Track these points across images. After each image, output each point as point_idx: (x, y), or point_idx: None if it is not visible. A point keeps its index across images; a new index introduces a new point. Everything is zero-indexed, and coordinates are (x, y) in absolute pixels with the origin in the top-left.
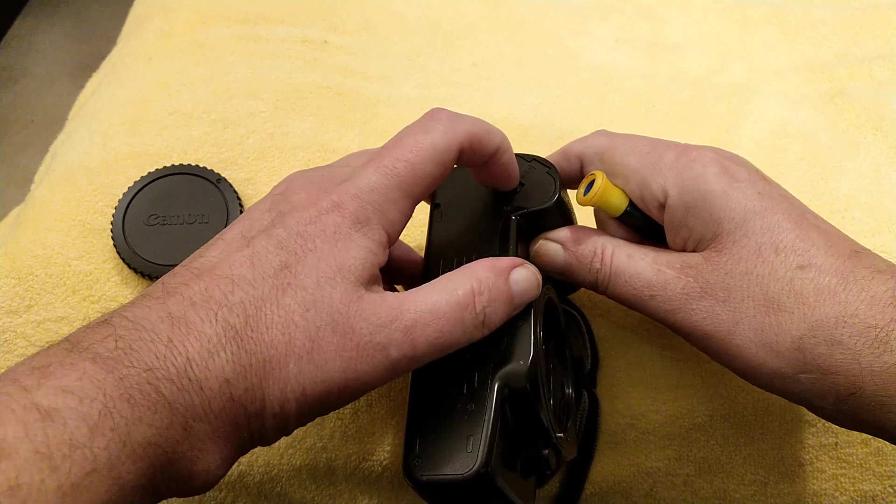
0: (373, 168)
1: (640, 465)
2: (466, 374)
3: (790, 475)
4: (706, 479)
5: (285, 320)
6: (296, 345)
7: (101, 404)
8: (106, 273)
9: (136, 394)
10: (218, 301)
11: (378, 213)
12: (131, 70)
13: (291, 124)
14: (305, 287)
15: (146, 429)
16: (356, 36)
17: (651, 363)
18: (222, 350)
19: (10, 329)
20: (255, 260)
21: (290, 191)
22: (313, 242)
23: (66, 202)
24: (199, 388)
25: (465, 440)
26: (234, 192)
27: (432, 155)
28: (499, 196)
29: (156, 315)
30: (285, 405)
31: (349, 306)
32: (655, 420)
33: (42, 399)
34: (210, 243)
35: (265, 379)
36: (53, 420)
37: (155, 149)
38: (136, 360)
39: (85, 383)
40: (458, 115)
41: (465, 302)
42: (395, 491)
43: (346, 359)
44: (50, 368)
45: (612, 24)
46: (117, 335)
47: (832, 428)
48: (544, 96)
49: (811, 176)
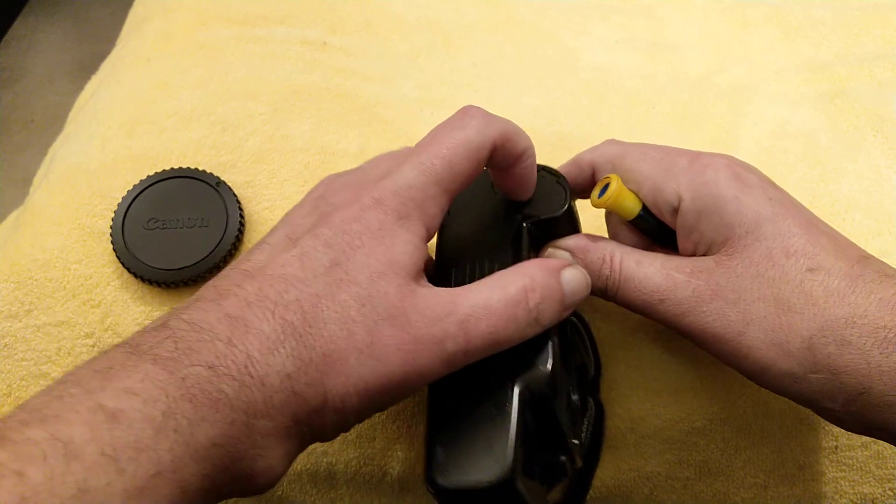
0: (410, 165)
1: (640, 469)
2: (487, 380)
3: (790, 478)
4: (706, 483)
5: (342, 316)
6: (356, 339)
7: (164, 405)
8: (106, 277)
9: (198, 393)
10: (273, 300)
11: (418, 209)
12: (130, 72)
13: (291, 126)
14: (359, 283)
15: (209, 428)
16: (356, 37)
17: (650, 367)
18: (282, 346)
19: (10, 333)
20: (305, 259)
21: (330, 193)
22: (360, 239)
23: (66, 206)
24: (261, 384)
25: (489, 447)
26: (234, 195)
27: (467, 151)
28: (509, 204)
29: (213, 316)
30: (347, 399)
31: (404, 300)
32: (655, 424)
33: (107, 400)
34: (255, 247)
35: (326, 373)
36: (119, 421)
37: (154, 151)
38: (196, 360)
39: (147, 384)
40: (491, 114)
41: (517, 298)
42: (395, 496)
43: (405, 352)
44: (112, 371)
45: (611, 24)
46: (176, 337)
47: (832, 431)
48: (544, 97)
49: (811, 177)
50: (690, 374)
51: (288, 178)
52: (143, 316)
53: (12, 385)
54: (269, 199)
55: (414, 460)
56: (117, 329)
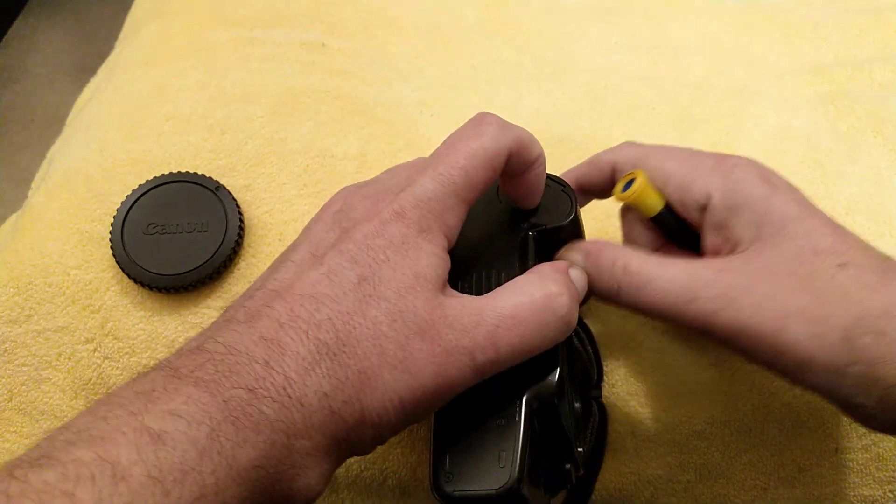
0: (429, 176)
1: (641, 472)
2: (494, 389)
3: (790, 480)
4: (706, 485)
5: (374, 332)
6: (388, 355)
7: (208, 427)
8: (105, 283)
9: (241, 415)
10: (305, 320)
11: (438, 221)
12: (128, 75)
13: (289, 129)
14: (388, 298)
15: (250, 450)
16: (354, 39)
17: (650, 371)
18: (317, 366)
19: (9, 339)
20: (333, 276)
21: (349, 206)
22: (384, 254)
23: (65, 210)
24: (300, 405)
25: (498, 455)
26: (233, 199)
27: (484, 160)
28: (514, 212)
29: (248, 339)
30: (384, 414)
31: (433, 313)
32: (655, 427)
33: (152, 422)
34: (278, 265)
35: (362, 390)
36: (164, 443)
37: (152, 155)
38: (236, 382)
39: (191, 407)
40: (506, 121)
41: (544, 304)
42: (396, 500)
43: (437, 364)
44: (154, 393)
45: (611, 26)
46: (215, 360)
47: (832, 433)
48: (543, 99)
49: (812, 179)
50: (690, 377)
51: (287, 182)
52: (143, 321)
53: (13, 390)
54: (269, 202)
55: (415, 464)
56: (117, 334)
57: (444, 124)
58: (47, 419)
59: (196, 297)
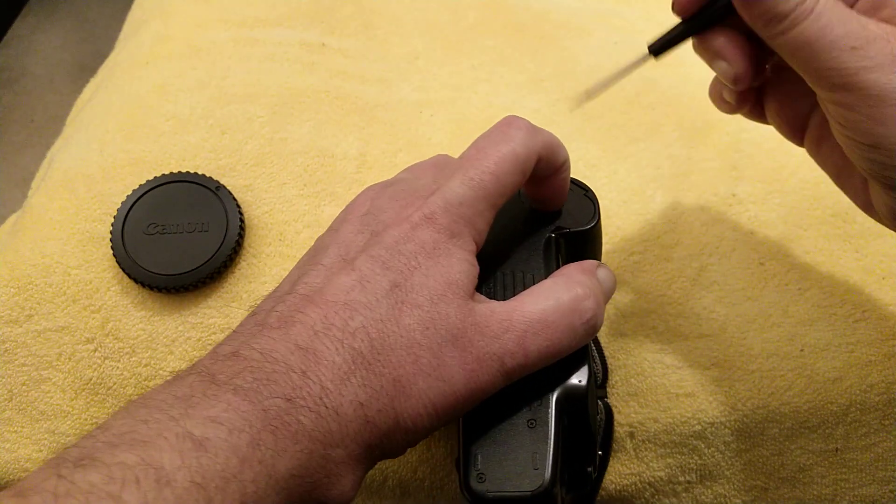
0: (459, 180)
1: (641, 473)
2: (522, 388)
3: (790, 480)
4: (707, 486)
5: (408, 340)
6: (422, 363)
7: (248, 436)
8: (106, 282)
9: (280, 425)
10: (340, 328)
11: (469, 226)
12: (128, 75)
13: (289, 129)
14: (420, 305)
15: (289, 460)
16: (354, 39)
17: (650, 371)
18: (353, 376)
19: (10, 339)
20: (365, 283)
21: (377, 209)
22: (416, 259)
23: (65, 210)
24: (336, 414)
25: (531, 457)
26: (234, 199)
27: (514, 165)
28: (537, 215)
29: (283, 346)
30: (418, 421)
31: (465, 320)
32: (655, 428)
33: (194, 428)
34: (307, 268)
35: (396, 398)
36: (206, 450)
37: (152, 155)
38: (275, 391)
39: (232, 414)
40: (534, 125)
41: (571, 307)
42: (396, 500)
43: (468, 371)
44: (193, 399)
45: (611, 26)
46: (252, 368)
47: (833, 434)
48: (543, 99)
49: (814, 180)
50: (690, 377)
51: (287, 182)
52: (143, 321)
53: (13, 390)
54: (269, 202)
55: (415, 464)
56: (118, 334)
57: (444, 124)
58: (47, 419)
59: (196, 297)
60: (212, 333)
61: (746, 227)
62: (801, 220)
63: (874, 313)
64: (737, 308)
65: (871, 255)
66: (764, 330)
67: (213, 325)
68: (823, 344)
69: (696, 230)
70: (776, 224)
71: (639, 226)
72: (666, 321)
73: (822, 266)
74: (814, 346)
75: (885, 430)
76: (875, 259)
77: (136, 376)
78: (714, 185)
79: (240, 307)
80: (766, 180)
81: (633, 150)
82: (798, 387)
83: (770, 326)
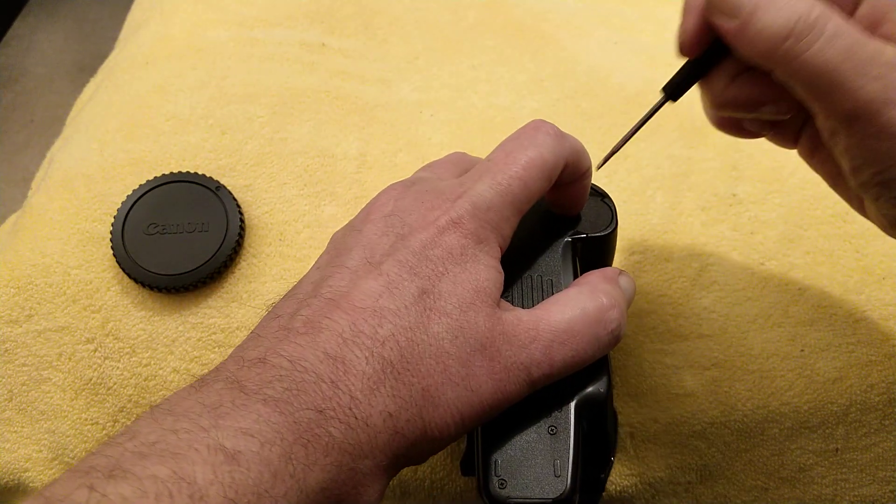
0: (488, 184)
1: (642, 474)
2: (544, 397)
3: (791, 480)
4: (707, 486)
5: (437, 349)
6: (451, 372)
7: (280, 449)
8: (106, 283)
9: (311, 438)
10: (369, 335)
11: (495, 231)
12: (128, 75)
13: (289, 129)
14: (449, 313)
15: (319, 473)
16: (354, 39)
17: (650, 371)
18: (382, 385)
19: (10, 339)
20: (393, 289)
21: (401, 210)
22: (444, 265)
23: (65, 210)
24: (365, 425)
25: (552, 464)
26: (234, 199)
27: (542, 171)
28: (555, 218)
29: (312, 354)
30: (444, 430)
31: (493, 329)
32: (654, 429)
33: (225, 440)
34: (330, 269)
35: (424, 408)
36: (239, 464)
37: (152, 155)
38: (306, 402)
39: (263, 426)
40: (562, 131)
41: (596, 318)
42: (396, 500)
43: (496, 381)
44: (222, 408)
45: (611, 26)
46: (282, 376)
47: (833, 433)
48: (543, 99)
49: (814, 179)
50: (690, 378)
51: (287, 182)
52: (143, 321)
53: (13, 390)
54: (269, 202)
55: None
56: (118, 334)
57: (444, 124)
58: (47, 419)
59: (197, 297)
60: (212, 333)
61: (746, 227)
62: (802, 220)
63: (874, 313)
64: (737, 308)
65: (871, 256)
66: (764, 330)
67: (213, 326)
68: (824, 344)
69: (696, 230)
70: (776, 224)
71: (639, 226)
72: (666, 321)
73: (822, 266)
74: (814, 347)
75: (885, 430)
76: (875, 259)
77: (137, 376)
78: (714, 185)
79: (240, 307)
80: (766, 180)
81: (633, 150)
82: (798, 387)
83: (770, 327)
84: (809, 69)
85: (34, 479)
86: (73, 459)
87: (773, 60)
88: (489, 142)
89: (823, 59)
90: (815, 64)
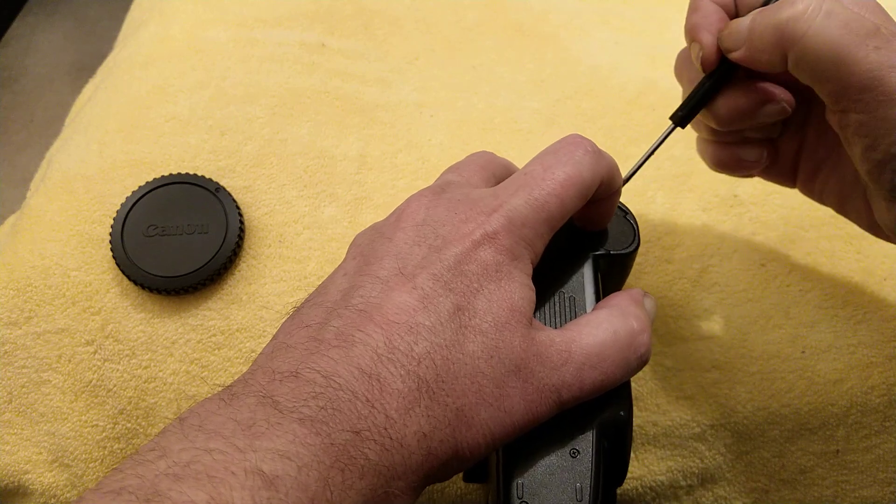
0: (523, 200)
1: (643, 478)
2: (567, 419)
3: (791, 482)
4: (708, 489)
5: (472, 369)
6: (485, 393)
7: (317, 473)
8: (105, 284)
9: (347, 461)
10: (404, 352)
11: (529, 248)
12: (127, 76)
13: (289, 130)
14: (485, 332)
15: (354, 496)
16: (354, 39)
17: (650, 375)
18: (416, 405)
19: (9, 341)
20: (428, 303)
21: (434, 220)
22: (479, 282)
23: (64, 211)
24: (400, 446)
25: (574, 489)
26: (234, 200)
27: (580, 190)
28: (580, 234)
29: (346, 370)
30: (475, 450)
31: (527, 350)
32: (655, 432)
33: (262, 464)
34: (360, 278)
35: (457, 428)
36: (277, 489)
37: (152, 156)
38: (342, 423)
39: (299, 448)
40: (598, 148)
41: (627, 342)
42: None
43: (528, 402)
44: (257, 427)
45: (612, 26)
46: (316, 393)
47: (834, 435)
48: (544, 99)
49: None
50: (689, 381)
51: (287, 183)
52: (143, 323)
53: (13, 392)
54: (269, 203)
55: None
56: (118, 336)
57: (444, 125)
58: (47, 421)
59: (196, 299)
60: (212, 335)
61: (747, 228)
62: (803, 220)
63: (876, 315)
64: (738, 310)
65: (872, 257)
66: (765, 332)
67: (213, 328)
68: (825, 346)
69: (697, 231)
70: (777, 225)
71: (640, 227)
72: (666, 323)
73: (823, 267)
74: (815, 348)
75: (886, 431)
76: (876, 260)
77: (136, 378)
78: (715, 186)
79: (240, 309)
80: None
81: (634, 150)
82: (799, 388)
83: (771, 328)
84: (814, 45)
85: (34, 482)
86: (73, 461)
87: (781, 46)
88: (489, 142)
89: (826, 34)
90: (819, 41)
